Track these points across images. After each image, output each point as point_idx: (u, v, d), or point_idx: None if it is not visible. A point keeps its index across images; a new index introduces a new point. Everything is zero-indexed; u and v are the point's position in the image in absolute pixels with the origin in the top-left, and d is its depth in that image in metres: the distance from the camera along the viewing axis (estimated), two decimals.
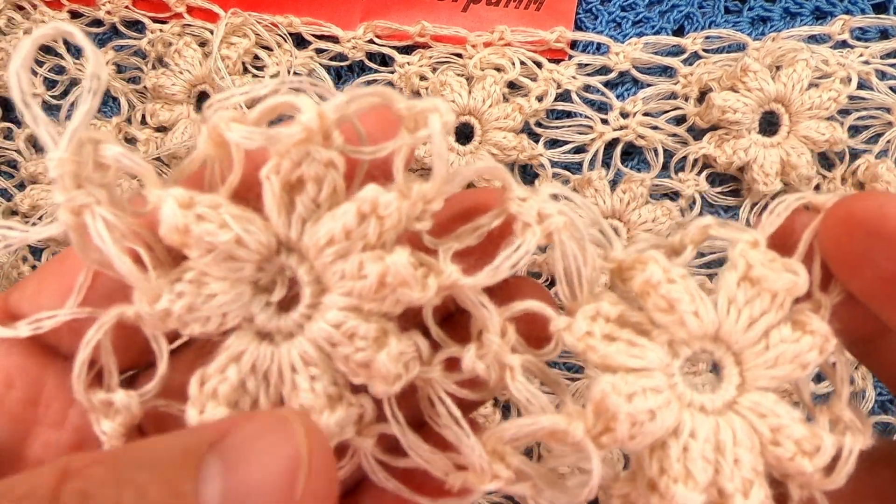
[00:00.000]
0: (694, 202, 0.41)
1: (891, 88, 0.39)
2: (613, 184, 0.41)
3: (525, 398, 0.19)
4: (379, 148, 0.18)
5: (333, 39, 0.43)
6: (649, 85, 0.41)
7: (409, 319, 0.19)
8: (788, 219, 0.20)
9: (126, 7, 0.44)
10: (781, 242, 0.20)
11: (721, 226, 0.20)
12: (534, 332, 0.20)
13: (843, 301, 0.20)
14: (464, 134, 0.41)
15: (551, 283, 0.40)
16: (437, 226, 0.19)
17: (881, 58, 0.40)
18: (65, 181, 0.17)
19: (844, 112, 0.40)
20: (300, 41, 0.43)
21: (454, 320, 0.21)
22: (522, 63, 0.41)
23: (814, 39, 0.40)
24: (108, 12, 0.44)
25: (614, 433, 0.19)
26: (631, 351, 0.19)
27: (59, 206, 0.17)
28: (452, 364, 0.20)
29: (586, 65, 0.41)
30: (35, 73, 0.45)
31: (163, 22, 0.44)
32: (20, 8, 0.45)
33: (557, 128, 0.41)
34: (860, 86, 0.39)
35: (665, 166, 0.41)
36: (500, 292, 0.19)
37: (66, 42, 0.45)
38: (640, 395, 0.19)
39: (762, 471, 0.19)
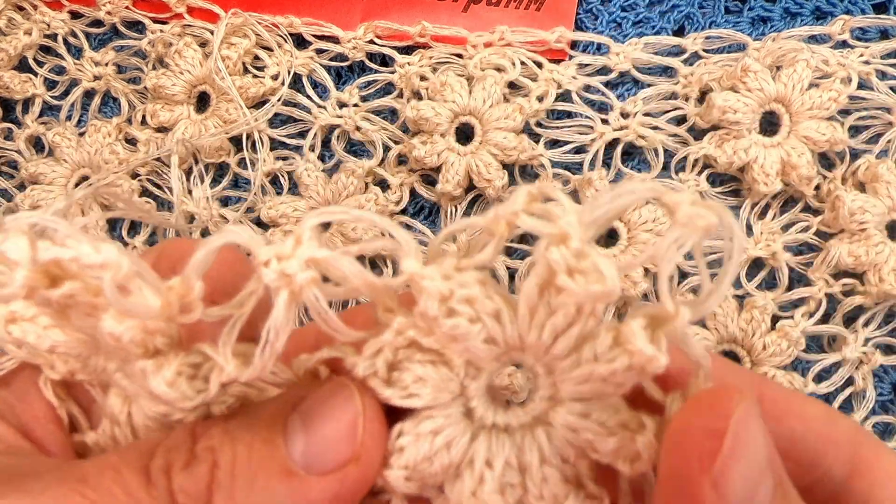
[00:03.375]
0: None
1: (891, 88, 0.39)
2: (614, 184, 0.41)
3: None
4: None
5: (334, 40, 0.43)
6: (650, 85, 0.41)
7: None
8: (673, 352, 0.17)
9: (126, 7, 0.43)
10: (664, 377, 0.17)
11: (535, 200, 0.16)
12: None
13: None
14: (465, 134, 0.41)
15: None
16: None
17: (881, 58, 0.39)
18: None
19: (845, 112, 0.39)
20: (300, 41, 0.43)
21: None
22: (523, 63, 0.41)
23: (814, 39, 0.40)
24: (109, 13, 0.44)
25: (393, 486, 0.18)
26: (413, 389, 0.18)
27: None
28: None
29: (587, 65, 0.41)
30: (35, 74, 0.45)
31: (163, 22, 0.43)
32: (20, 8, 0.45)
33: (558, 128, 0.41)
34: (860, 86, 0.39)
35: (665, 166, 0.41)
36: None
37: (66, 42, 0.45)
38: (412, 446, 0.18)
39: (586, 472, 0.18)
